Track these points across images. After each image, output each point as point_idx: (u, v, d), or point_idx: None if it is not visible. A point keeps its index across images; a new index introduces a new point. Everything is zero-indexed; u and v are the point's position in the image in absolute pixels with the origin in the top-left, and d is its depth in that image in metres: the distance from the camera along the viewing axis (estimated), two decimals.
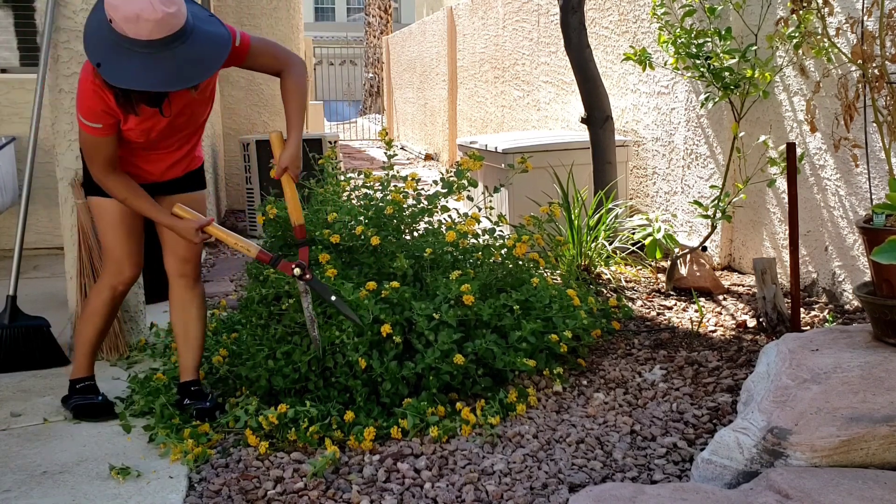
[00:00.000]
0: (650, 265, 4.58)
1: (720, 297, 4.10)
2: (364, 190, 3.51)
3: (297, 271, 2.70)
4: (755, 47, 3.86)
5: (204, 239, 2.67)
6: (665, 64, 4.44)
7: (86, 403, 2.92)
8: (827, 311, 3.74)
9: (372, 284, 2.89)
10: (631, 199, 5.45)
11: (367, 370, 2.86)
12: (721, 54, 3.86)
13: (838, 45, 3.48)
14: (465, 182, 3.40)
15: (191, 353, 2.93)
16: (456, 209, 3.63)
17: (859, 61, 3.09)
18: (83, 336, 2.95)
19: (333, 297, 2.75)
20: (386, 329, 2.80)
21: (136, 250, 2.86)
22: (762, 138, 3.96)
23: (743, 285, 4.30)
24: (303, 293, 2.78)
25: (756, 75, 3.84)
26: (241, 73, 7.44)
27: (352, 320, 2.80)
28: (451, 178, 3.42)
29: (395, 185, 3.48)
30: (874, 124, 3.13)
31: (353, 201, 3.48)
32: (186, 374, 2.93)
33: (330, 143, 6.35)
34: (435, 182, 3.52)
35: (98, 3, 2.38)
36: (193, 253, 2.89)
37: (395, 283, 2.91)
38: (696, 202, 4.10)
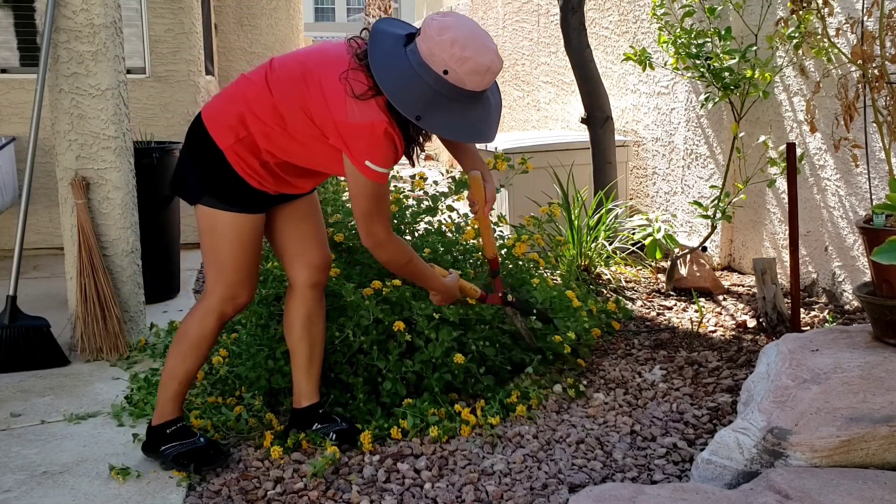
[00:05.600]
0: (650, 265, 4.58)
1: (720, 298, 4.10)
2: None
3: (509, 298, 2.88)
4: (755, 47, 3.86)
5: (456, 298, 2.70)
6: (665, 64, 4.44)
7: (191, 450, 2.52)
8: (827, 311, 3.74)
9: (377, 283, 2.89)
10: (631, 199, 5.45)
11: (369, 368, 2.86)
12: (721, 54, 3.86)
13: (838, 46, 3.48)
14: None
15: (315, 374, 2.67)
16: (456, 209, 3.63)
17: (859, 61, 3.09)
18: (179, 376, 2.52)
19: (535, 310, 3.00)
20: (399, 325, 2.80)
21: (256, 273, 2.53)
22: (762, 138, 3.96)
23: (743, 285, 4.30)
24: (513, 315, 2.94)
25: (756, 75, 3.84)
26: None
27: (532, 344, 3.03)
28: (458, 178, 3.42)
29: (395, 186, 3.48)
30: (874, 124, 3.14)
31: None
32: (311, 397, 2.66)
33: None
34: (436, 182, 3.52)
35: (395, 50, 2.21)
36: (328, 259, 2.65)
37: (396, 282, 2.91)
38: (696, 202, 4.10)
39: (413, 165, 2.45)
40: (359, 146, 2.23)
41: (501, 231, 3.56)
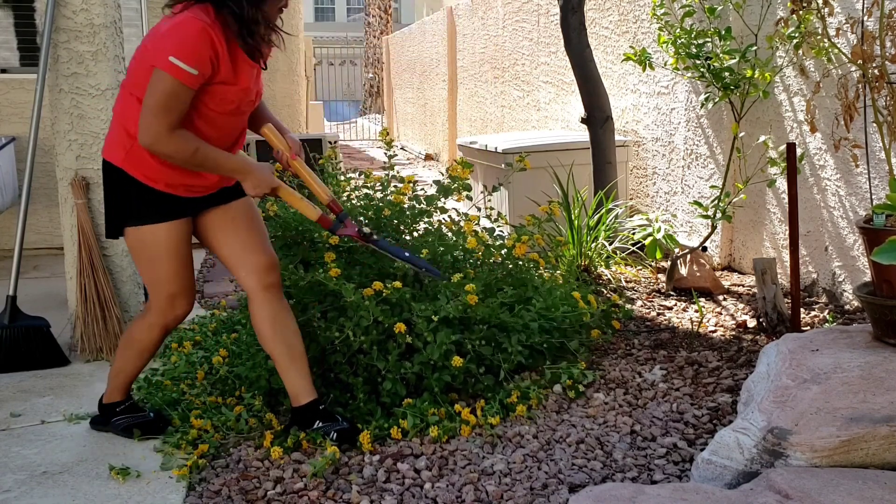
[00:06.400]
0: (650, 265, 4.58)
1: (720, 298, 4.10)
2: (364, 190, 3.51)
3: (366, 230, 2.67)
4: (755, 47, 3.86)
5: (274, 187, 2.51)
6: (665, 64, 4.44)
7: (141, 422, 2.76)
8: (827, 311, 3.74)
9: (378, 284, 2.89)
10: (631, 199, 5.45)
11: (369, 368, 2.86)
12: (721, 54, 3.86)
13: (838, 45, 3.48)
14: (458, 186, 3.40)
15: (303, 371, 2.64)
16: (456, 209, 3.63)
17: (859, 61, 3.09)
18: (128, 370, 2.74)
19: (407, 254, 2.75)
20: (400, 327, 2.80)
21: (192, 282, 2.63)
22: (762, 138, 3.96)
23: (743, 285, 4.30)
24: (375, 250, 2.78)
25: (756, 75, 3.84)
26: None
27: (432, 273, 2.78)
28: (447, 183, 3.42)
29: (395, 186, 3.48)
30: (874, 124, 3.13)
31: (354, 201, 3.48)
32: (309, 394, 2.64)
33: (330, 143, 6.35)
34: (436, 182, 3.53)
35: None
36: (273, 260, 2.65)
37: (397, 283, 2.91)
38: (696, 202, 4.10)
39: (258, 63, 2.46)
40: (167, 46, 2.27)
41: (501, 231, 3.55)
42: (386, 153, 3.64)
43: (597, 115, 4.78)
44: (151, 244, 2.51)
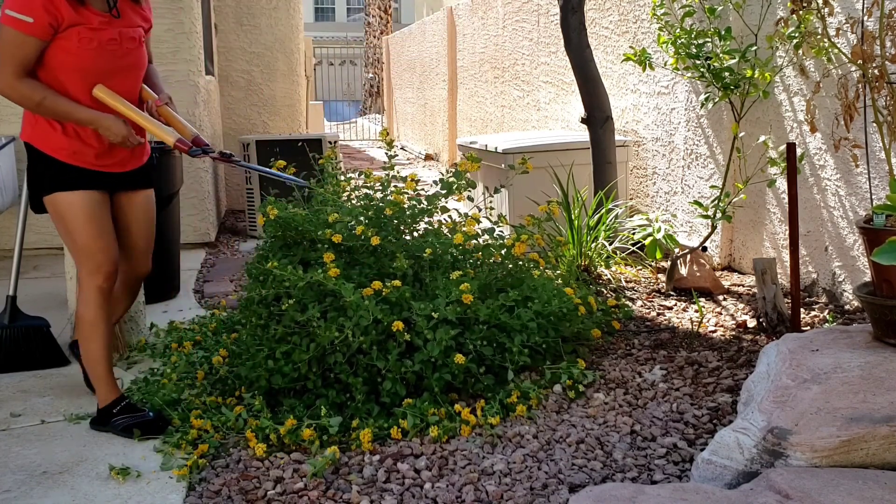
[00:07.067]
0: (650, 265, 4.58)
1: (720, 298, 4.10)
2: (364, 190, 3.51)
3: (226, 152, 3.01)
4: (755, 47, 3.86)
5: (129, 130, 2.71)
6: (665, 64, 4.44)
7: (140, 422, 2.77)
8: (827, 311, 3.74)
9: (378, 284, 2.89)
10: (631, 199, 5.45)
11: (369, 368, 2.86)
12: (721, 54, 3.86)
13: (838, 45, 3.48)
14: (463, 183, 3.40)
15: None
16: (456, 209, 3.63)
17: (859, 61, 3.09)
18: (93, 355, 2.82)
19: (270, 169, 3.11)
20: (397, 325, 2.80)
21: (112, 243, 2.80)
22: (762, 138, 3.96)
23: (743, 285, 4.30)
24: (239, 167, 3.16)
25: (756, 75, 3.84)
26: (240, 73, 7.44)
27: (299, 183, 3.11)
28: (450, 179, 3.42)
29: (395, 186, 3.48)
30: (874, 124, 3.13)
31: (353, 201, 3.48)
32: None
33: (330, 143, 6.35)
34: (435, 182, 3.53)
35: None
36: (143, 268, 3.02)
37: (396, 283, 2.91)
38: (696, 202, 4.10)
39: (79, 8, 2.60)
40: (5, 2, 2.51)
41: (501, 231, 3.56)
42: (386, 153, 3.64)
43: (597, 115, 4.78)
44: (67, 211, 2.72)
